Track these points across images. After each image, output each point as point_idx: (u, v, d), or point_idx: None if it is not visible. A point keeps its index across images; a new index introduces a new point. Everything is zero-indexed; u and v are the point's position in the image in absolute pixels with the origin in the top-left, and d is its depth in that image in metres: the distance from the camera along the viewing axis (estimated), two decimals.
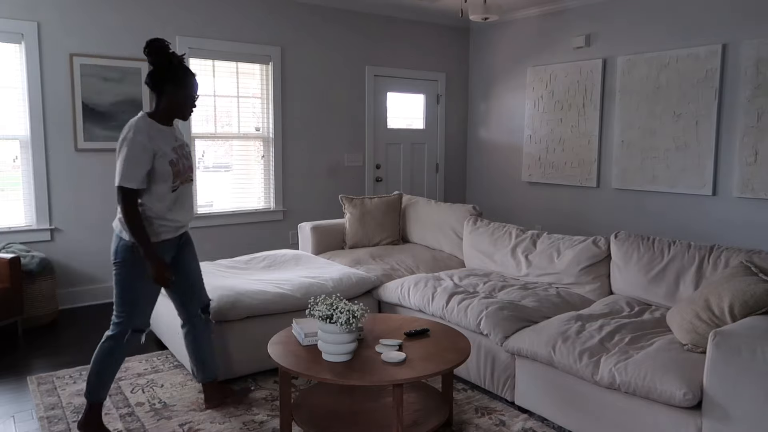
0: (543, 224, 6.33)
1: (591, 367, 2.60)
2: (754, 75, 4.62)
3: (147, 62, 2.68)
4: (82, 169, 4.81)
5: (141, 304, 2.70)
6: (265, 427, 2.86)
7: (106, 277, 5.00)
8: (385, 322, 2.96)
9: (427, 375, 2.36)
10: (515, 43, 6.56)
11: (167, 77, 2.64)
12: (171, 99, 2.68)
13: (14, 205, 4.63)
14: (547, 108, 6.19)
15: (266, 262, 4.24)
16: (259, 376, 3.45)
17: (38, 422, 2.89)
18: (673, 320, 2.82)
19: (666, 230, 5.26)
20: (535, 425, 2.88)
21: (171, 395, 3.19)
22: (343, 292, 3.69)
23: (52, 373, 3.48)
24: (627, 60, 5.45)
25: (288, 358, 2.51)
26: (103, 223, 4.95)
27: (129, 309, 2.68)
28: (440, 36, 6.86)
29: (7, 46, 4.49)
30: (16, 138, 4.58)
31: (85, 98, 4.74)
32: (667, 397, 2.34)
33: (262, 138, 5.76)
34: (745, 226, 4.77)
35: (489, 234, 4.23)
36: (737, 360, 2.16)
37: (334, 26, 6.06)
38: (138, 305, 2.69)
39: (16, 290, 3.98)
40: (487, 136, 6.99)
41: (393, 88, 6.60)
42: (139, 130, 2.60)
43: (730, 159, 4.83)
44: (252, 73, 5.65)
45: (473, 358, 3.24)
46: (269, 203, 5.86)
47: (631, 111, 5.45)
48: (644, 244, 3.43)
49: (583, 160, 5.89)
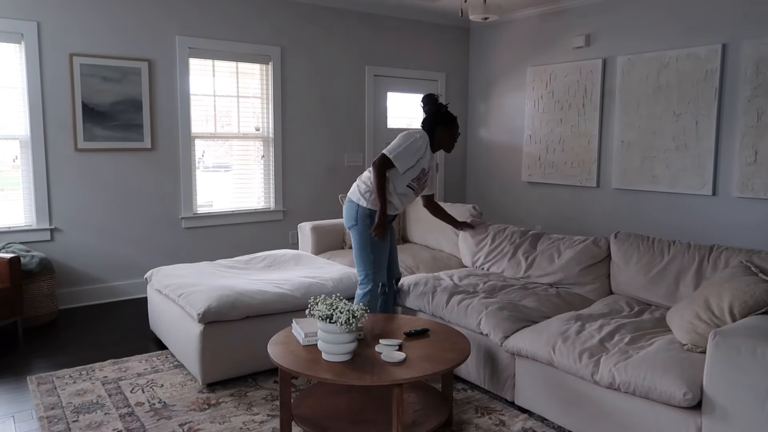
0: (543, 224, 6.33)
1: (591, 367, 2.60)
2: (754, 75, 4.62)
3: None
4: (82, 169, 4.81)
5: (382, 260, 3.36)
6: (265, 427, 2.86)
7: (106, 277, 5.00)
8: (385, 322, 2.96)
9: (427, 375, 2.36)
10: (515, 43, 6.56)
11: (438, 121, 3.45)
12: (440, 137, 3.47)
13: (14, 204, 4.63)
14: (547, 108, 6.19)
15: (266, 262, 4.24)
16: (259, 376, 3.45)
17: (38, 422, 2.89)
18: (672, 320, 2.82)
19: (666, 230, 5.26)
20: (535, 425, 2.88)
21: (171, 395, 3.19)
22: (343, 292, 3.69)
23: (51, 372, 3.48)
24: (627, 60, 5.45)
25: (288, 358, 2.51)
26: (103, 222, 4.95)
27: (375, 266, 3.35)
28: (440, 36, 6.86)
29: (7, 46, 4.49)
30: (16, 138, 4.58)
31: (85, 98, 4.74)
32: (667, 397, 2.34)
33: (262, 138, 5.77)
34: (745, 226, 4.77)
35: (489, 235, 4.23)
36: (737, 360, 2.16)
37: (334, 26, 6.06)
38: (379, 261, 3.35)
39: (16, 290, 3.98)
40: (487, 136, 6.99)
41: (393, 87, 6.60)
42: (423, 138, 3.41)
43: (730, 159, 4.83)
44: (252, 73, 5.65)
45: (473, 358, 3.24)
46: (269, 203, 5.86)
47: (631, 111, 5.45)
48: (644, 244, 3.43)
49: (583, 160, 5.89)
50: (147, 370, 3.53)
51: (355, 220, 3.35)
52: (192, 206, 5.38)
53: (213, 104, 5.46)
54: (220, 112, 5.52)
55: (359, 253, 3.37)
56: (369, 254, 3.35)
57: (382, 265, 3.42)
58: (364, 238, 3.34)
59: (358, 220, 3.34)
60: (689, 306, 2.74)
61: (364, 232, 3.34)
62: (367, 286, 3.39)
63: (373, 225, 3.30)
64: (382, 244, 3.37)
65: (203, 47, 5.29)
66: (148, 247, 5.18)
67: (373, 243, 3.34)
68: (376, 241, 3.33)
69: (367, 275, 3.37)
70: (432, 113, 3.50)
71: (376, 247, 3.35)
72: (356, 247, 3.38)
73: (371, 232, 3.31)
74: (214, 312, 3.22)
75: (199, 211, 5.46)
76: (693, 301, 2.75)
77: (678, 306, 2.87)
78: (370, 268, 3.37)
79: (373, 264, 3.36)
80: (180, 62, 5.17)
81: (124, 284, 5.09)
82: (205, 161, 5.50)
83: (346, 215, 3.43)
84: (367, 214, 3.33)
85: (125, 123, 4.94)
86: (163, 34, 5.09)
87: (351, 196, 3.42)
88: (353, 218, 3.37)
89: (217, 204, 5.59)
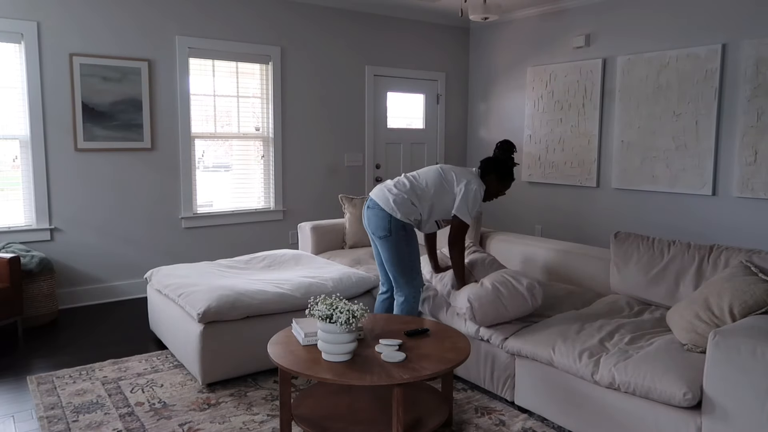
0: (543, 224, 6.34)
1: (591, 367, 2.60)
2: (754, 75, 4.62)
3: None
4: (81, 169, 4.81)
5: (417, 267, 3.32)
6: (265, 427, 2.86)
7: (106, 277, 5.00)
8: (385, 322, 2.96)
9: (427, 375, 2.36)
10: (515, 43, 6.56)
11: (498, 170, 3.34)
12: (490, 185, 3.35)
13: (14, 204, 4.63)
14: (547, 108, 6.19)
15: (266, 262, 4.24)
16: (259, 376, 3.45)
17: (38, 422, 2.89)
18: (672, 320, 2.82)
19: (666, 230, 5.26)
20: (535, 425, 2.88)
21: (171, 395, 3.19)
22: (342, 291, 3.69)
23: (51, 372, 3.48)
24: (627, 60, 5.45)
25: (288, 358, 2.51)
26: (103, 222, 4.95)
27: (414, 272, 3.30)
28: (440, 36, 6.86)
29: (6, 45, 4.49)
30: (16, 138, 4.58)
31: (84, 98, 4.74)
32: (667, 397, 2.34)
33: (262, 138, 5.76)
34: (745, 226, 4.77)
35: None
36: (737, 360, 2.16)
37: (334, 26, 6.06)
38: (416, 268, 3.31)
39: (16, 290, 3.98)
40: (486, 136, 6.99)
41: (393, 87, 6.60)
42: (481, 187, 3.29)
43: (730, 159, 4.83)
44: (252, 73, 5.65)
45: (473, 358, 3.23)
46: (269, 203, 5.86)
47: (630, 111, 5.45)
48: (644, 244, 3.43)
49: (583, 160, 5.89)
50: (147, 370, 3.53)
51: (388, 231, 3.21)
52: (192, 206, 5.38)
53: (213, 104, 5.46)
54: (220, 112, 5.52)
55: (397, 263, 3.26)
56: (408, 263, 3.27)
57: (419, 270, 3.34)
58: (401, 247, 3.24)
59: (392, 231, 3.21)
60: (689, 306, 2.74)
61: (399, 243, 3.23)
62: (405, 293, 3.30)
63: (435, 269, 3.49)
64: (417, 250, 3.30)
65: (203, 47, 5.29)
66: (147, 247, 5.18)
67: (409, 250, 3.25)
68: (412, 248, 3.26)
69: (406, 283, 3.29)
70: (500, 161, 3.36)
71: (412, 253, 3.28)
72: (392, 258, 3.25)
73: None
74: (214, 312, 3.22)
75: (199, 211, 5.46)
76: (693, 301, 2.75)
77: (678, 306, 2.87)
78: (408, 275, 3.29)
79: (411, 271, 3.29)
80: (180, 62, 5.17)
81: (124, 284, 5.09)
82: (205, 161, 5.50)
83: (377, 224, 3.24)
84: (401, 226, 3.22)
85: (125, 123, 4.94)
86: (162, 34, 5.09)
87: (382, 205, 3.23)
88: (386, 229, 3.22)
89: (217, 204, 5.59)
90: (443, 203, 3.27)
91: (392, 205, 3.21)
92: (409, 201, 3.23)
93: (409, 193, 3.24)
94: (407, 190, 3.25)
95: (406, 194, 3.24)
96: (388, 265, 3.29)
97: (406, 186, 3.27)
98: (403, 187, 3.26)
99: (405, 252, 3.25)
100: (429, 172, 3.34)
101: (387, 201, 3.22)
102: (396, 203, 3.21)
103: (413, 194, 3.24)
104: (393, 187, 3.27)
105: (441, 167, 3.37)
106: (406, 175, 3.36)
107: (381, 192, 3.28)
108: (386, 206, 3.22)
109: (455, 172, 3.31)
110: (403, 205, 3.21)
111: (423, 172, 3.38)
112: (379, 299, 3.55)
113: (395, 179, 3.35)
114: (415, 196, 3.24)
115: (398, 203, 3.21)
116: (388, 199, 3.23)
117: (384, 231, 3.22)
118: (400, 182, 3.30)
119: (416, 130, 6.86)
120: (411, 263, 3.28)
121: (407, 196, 3.23)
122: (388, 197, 3.23)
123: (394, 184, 3.30)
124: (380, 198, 3.25)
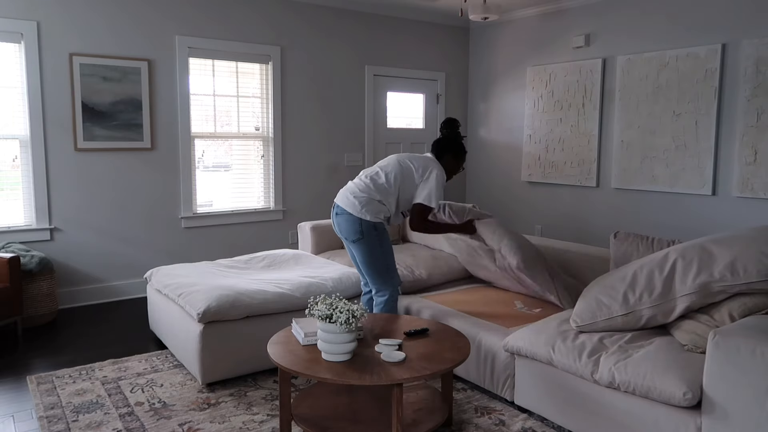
0: (543, 224, 6.34)
1: (590, 366, 2.60)
2: (753, 75, 4.62)
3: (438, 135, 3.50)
4: (81, 169, 4.81)
5: (393, 265, 3.32)
6: (265, 426, 2.86)
7: (106, 277, 5.00)
8: (385, 322, 2.96)
9: (427, 375, 2.36)
10: (515, 43, 6.56)
11: (451, 149, 3.40)
12: (446, 164, 3.38)
13: (14, 204, 4.63)
14: (547, 108, 6.19)
15: (266, 262, 4.24)
16: (259, 376, 3.45)
17: (38, 422, 2.89)
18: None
19: (666, 230, 5.26)
20: (535, 425, 2.88)
21: (171, 395, 3.19)
22: (342, 291, 3.70)
23: (51, 372, 3.48)
24: (627, 60, 5.45)
25: (287, 357, 2.51)
26: (103, 222, 4.95)
27: (390, 271, 3.31)
28: (440, 36, 6.86)
29: (6, 45, 4.49)
30: (16, 138, 4.58)
31: (84, 98, 4.74)
32: (666, 397, 2.34)
33: (262, 138, 5.76)
34: (744, 225, 4.77)
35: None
36: (737, 359, 2.17)
37: (334, 26, 6.06)
38: (391, 267, 3.32)
39: (16, 290, 3.98)
40: (486, 136, 6.99)
41: (393, 87, 6.60)
42: (442, 170, 3.33)
43: (730, 158, 4.83)
44: (252, 73, 5.64)
45: (473, 358, 3.24)
46: (269, 203, 5.86)
47: (630, 111, 5.45)
48: (644, 244, 3.43)
49: (582, 159, 5.89)
50: (147, 369, 3.53)
51: (360, 234, 3.21)
52: (192, 206, 5.38)
53: (213, 104, 5.46)
54: (219, 112, 5.52)
55: (373, 264, 3.27)
56: (384, 262, 3.28)
57: (395, 267, 3.35)
58: (375, 249, 3.24)
59: (364, 233, 3.21)
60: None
61: (373, 244, 3.23)
62: (386, 292, 3.32)
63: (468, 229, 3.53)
64: (390, 248, 3.31)
65: (203, 47, 5.29)
66: (147, 247, 5.18)
67: (383, 250, 3.26)
68: (385, 248, 3.27)
69: (385, 282, 3.30)
70: (450, 139, 3.42)
71: (387, 253, 3.28)
72: (367, 259, 3.26)
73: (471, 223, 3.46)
74: (214, 312, 3.22)
75: (199, 211, 5.46)
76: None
77: None
78: (386, 274, 3.30)
79: (387, 270, 3.30)
80: (180, 62, 5.16)
81: (124, 284, 5.09)
82: (204, 161, 5.50)
83: (348, 229, 3.24)
84: (372, 227, 3.22)
85: (125, 123, 4.94)
86: (162, 33, 5.09)
87: (349, 209, 3.23)
88: (357, 232, 3.21)
89: (216, 204, 5.59)
90: (407, 194, 3.30)
91: (359, 208, 3.20)
92: (375, 200, 3.23)
93: (373, 193, 3.23)
94: (371, 189, 3.24)
95: (371, 194, 3.23)
96: (364, 267, 3.30)
97: (369, 186, 3.25)
98: (367, 188, 3.25)
99: (378, 253, 3.25)
100: (388, 166, 3.32)
101: (354, 205, 3.22)
102: (363, 206, 3.20)
103: (377, 192, 3.24)
104: (356, 190, 3.26)
105: (398, 158, 3.35)
106: (366, 174, 3.33)
107: (345, 197, 3.27)
108: (354, 210, 3.21)
109: (413, 161, 3.32)
110: (370, 205, 3.21)
111: (382, 165, 3.35)
112: (364, 299, 3.55)
113: (356, 180, 3.34)
114: (379, 194, 3.24)
115: (365, 205, 3.20)
116: (354, 203, 3.22)
117: (356, 234, 3.22)
118: (362, 183, 3.29)
119: (416, 129, 6.86)
120: (386, 263, 3.29)
121: (372, 196, 3.23)
122: (353, 201, 3.22)
123: (356, 186, 3.29)
124: (346, 203, 3.25)
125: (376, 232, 3.23)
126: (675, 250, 2.80)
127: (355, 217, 3.20)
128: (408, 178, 3.28)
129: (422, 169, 3.28)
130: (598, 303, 2.85)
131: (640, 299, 2.76)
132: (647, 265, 2.83)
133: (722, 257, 2.62)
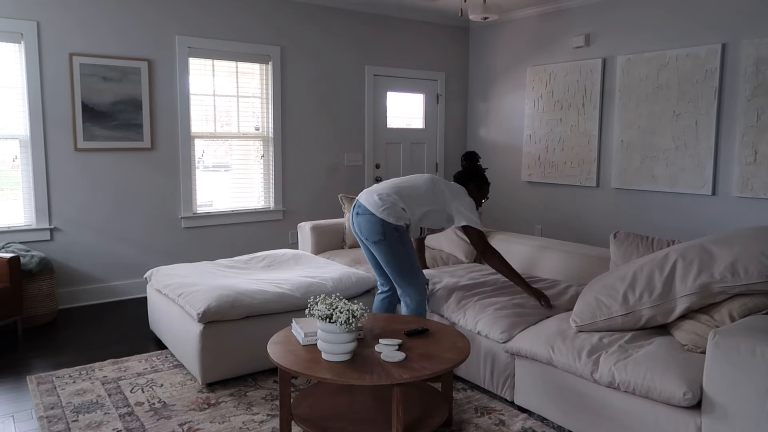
0: (543, 224, 6.34)
1: (590, 366, 2.60)
2: (753, 75, 4.62)
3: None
4: (81, 169, 4.81)
5: (417, 265, 3.33)
6: (265, 426, 2.86)
7: (106, 277, 5.00)
8: (385, 322, 2.96)
9: (427, 375, 2.36)
10: (515, 43, 6.56)
11: (473, 180, 3.55)
12: (470, 193, 3.49)
13: (14, 204, 4.63)
14: (547, 108, 6.19)
15: (266, 262, 4.24)
16: (259, 376, 3.45)
17: (38, 422, 2.89)
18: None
19: (666, 230, 5.26)
20: (535, 425, 2.88)
21: (171, 395, 3.19)
22: (342, 291, 3.70)
23: (51, 372, 3.47)
24: (627, 60, 5.45)
25: (287, 357, 2.51)
26: (103, 222, 4.95)
27: (416, 270, 3.32)
28: (440, 36, 6.86)
29: (6, 45, 4.49)
30: (16, 138, 4.58)
31: (84, 98, 4.74)
32: (666, 397, 2.34)
33: (262, 138, 5.76)
34: (744, 225, 4.77)
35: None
36: (737, 359, 2.16)
37: (334, 26, 6.06)
38: (416, 266, 3.32)
39: (16, 289, 3.98)
40: (486, 136, 6.99)
41: (392, 87, 6.60)
42: (470, 199, 3.45)
43: (730, 158, 4.83)
44: (252, 73, 5.64)
45: (473, 358, 3.23)
46: (269, 203, 5.86)
47: (630, 111, 5.45)
48: (644, 244, 3.43)
49: (582, 159, 5.89)
50: (147, 369, 3.53)
51: (382, 235, 3.21)
52: (192, 206, 5.38)
53: (213, 104, 5.46)
54: (219, 112, 5.52)
55: (397, 264, 3.26)
56: (408, 262, 3.28)
57: (419, 266, 3.36)
58: (398, 249, 3.24)
59: (386, 234, 3.21)
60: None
61: (395, 244, 3.24)
62: (412, 292, 3.31)
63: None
64: (413, 249, 3.32)
65: (203, 47, 5.29)
66: (147, 247, 5.18)
67: (405, 250, 3.26)
68: (408, 247, 3.27)
69: (410, 283, 3.30)
70: (471, 170, 3.56)
71: (410, 252, 3.28)
72: (390, 259, 3.26)
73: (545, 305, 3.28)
74: (214, 312, 3.22)
75: (199, 211, 5.46)
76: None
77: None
78: (410, 273, 3.29)
79: (412, 269, 3.29)
80: (180, 62, 5.17)
81: (124, 284, 5.09)
82: (204, 161, 5.50)
83: (369, 229, 3.24)
84: (394, 228, 3.22)
85: (125, 123, 4.94)
86: (162, 33, 5.09)
87: (372, 210, 3.23)
88: (379, 233, 3.21)
89: (216, 204, 5.59)
90: (436, 213, 3.35)
91: (383, 210, 3.21)
92: (399, 207, 3.25)
93: (398, 200, 3.26)
94: (397, 195, 3.27)
95: (396, 200, 3.25)
96: (387, 268, 3.30)
97: (395, 191, 3.29)
98: (393, 193, 3.28)
99: (402, 252, 3.26)
100: (419, 179, 3.41)
101: (377, 206, 3.23)
102: (387, 208, 3.22)
103: (403, 200, 3.27)
104: (383, 192, 3.29)
105: (431, 176, 3.46)
106: (394, 183, 3.38)
107: (370, 197, 3.29)
108: (377, 211, 3.22)
109: (444, 184, 3.42)
110: (394, 210, 3.22)
111: (413, 177, 3.45)
112: (379, 298, 3.56)
113: (382, 184, 3.38)
114: (404, 203, 3.26)
115: (389, 208, 3.22)
116: (378, 203, 3.23)
117: (378, 235, 3.22)
118: (390, 187, 3.33)
119: (416, 129, 6.86)
120: (410, 262, 3.29)
121: (397, 202, 3.25)
122: (377, 201, 3.24)
123: (383, 188, 3.32)
124: (370, 203, 3.26)
125: (398, 234, 3.24)
126: (675, 251, 2.80)
127: (377, 218, 3.21)
128: (438, 195, 3.36)
129: (451, 193, 3.38)
130: (598, 303, 2.85)
131: (640, 299, 2.76)
132: (647, 265, 2.83)
133: (723, 258, 2.62)
